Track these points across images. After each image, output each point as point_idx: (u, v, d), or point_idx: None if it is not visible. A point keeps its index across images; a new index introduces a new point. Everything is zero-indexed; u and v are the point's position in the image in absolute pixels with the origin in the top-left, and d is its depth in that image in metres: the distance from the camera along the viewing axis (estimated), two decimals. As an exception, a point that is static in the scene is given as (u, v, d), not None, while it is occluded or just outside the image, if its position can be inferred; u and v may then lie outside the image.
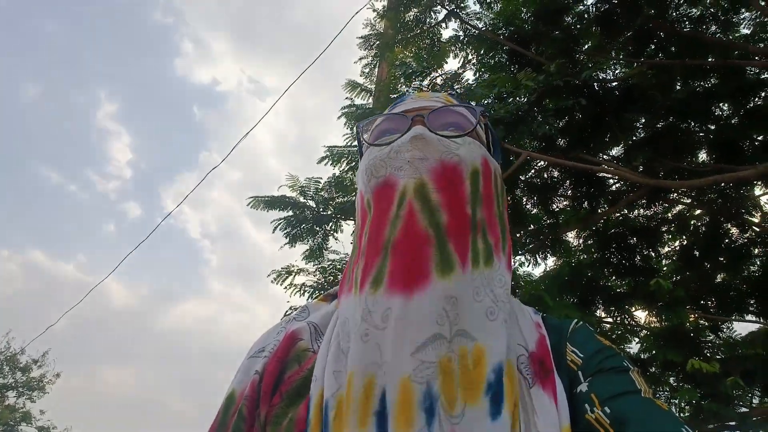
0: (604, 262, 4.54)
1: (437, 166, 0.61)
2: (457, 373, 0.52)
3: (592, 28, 4.07)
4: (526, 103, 3.62)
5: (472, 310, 0.56)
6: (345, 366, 0.55)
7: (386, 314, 0.53)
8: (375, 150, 0.67)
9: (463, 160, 0.63)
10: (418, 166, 0.61)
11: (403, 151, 0.63)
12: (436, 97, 0.74)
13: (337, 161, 5.55)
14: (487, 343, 0.55)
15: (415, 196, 0.59)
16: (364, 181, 0.66)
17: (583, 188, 4.39)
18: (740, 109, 4.05)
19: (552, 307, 3.52)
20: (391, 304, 0.54)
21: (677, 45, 4.00)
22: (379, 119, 0.73)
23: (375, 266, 0.57)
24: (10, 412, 15.89)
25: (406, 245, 0.57)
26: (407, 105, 0.73)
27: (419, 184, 0.60)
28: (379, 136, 0.71)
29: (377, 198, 0.63)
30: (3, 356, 16.60)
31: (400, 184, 0.60)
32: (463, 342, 0.54)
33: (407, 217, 0.58)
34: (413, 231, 0.57)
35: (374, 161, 0.65)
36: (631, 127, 4.22)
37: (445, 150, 0.63)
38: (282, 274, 5.37)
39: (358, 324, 0.55)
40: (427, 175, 0.60)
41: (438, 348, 0.52)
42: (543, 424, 0.52)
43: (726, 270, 4.58)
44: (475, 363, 0.53)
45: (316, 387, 0.57)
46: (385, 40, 5.80)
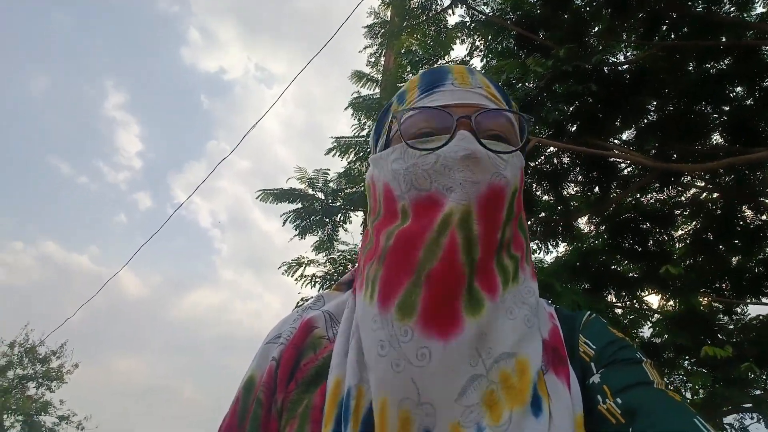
0: (616, 247, 4.51)
1: (486, 191, 0.59)
2: (503, 399, 0.52)
3: (602, 11, 4.00)
4: (535, 88, 3.59)
5: (506, 330, 0.56)
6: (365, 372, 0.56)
7: (423, 353, 0.53)
8: (414, 153, 0.62)
9: (509, 182, 0.61)
10: (469, 191, 0.58)
11: (454, 169, 0.59)
12: (478, 87, 0.66)
13: (344, 152, 5.55)
14: (528, 351, 0.56)
15: (459, 226, 0.56)
16: (401, 187, 0.63)
17: (594, 173, 4.35)
18: (754, 90, 3.97)
19: (560, 293, 3.52)
20: (428, 345, 0.53)
21: (689, 26, 3.91)
22: (413, 112, 0.65)
23: (403, 288, 0.56)
24: (30, 403, 16.25)
25: (444, 280, 0.55)
26: (448, 96, 0.65)
27: (466, 212, 0.57)
28: (418, 133, 0.64)
29: (417, 211, 0.60)
30: (22, 348, 16.94)
31: (446, 206, 0.58)
32: (502, 365, 0.54)
33: (449, 248, 0.56)
34: (452, 266, 0.55)
35: (415, 169, 0.61)
36: (643, 110, 4.17)
37: (495, 171, 0.60)
38: (293, 266, 5.42)
39: (383, 347, 0.55)
40: (475, 202, 0.58)
41: (478, 388, 0.52)
42: (557, 409, 0.53)
43: (740, 253, 4.53)
44: (520, 375, 0.54)
45: (332, 375, 0.58)
46: (391, 28, 5.76)
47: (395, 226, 0.61)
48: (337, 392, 0.56)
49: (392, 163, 0.65)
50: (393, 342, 0.54)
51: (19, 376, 16.72)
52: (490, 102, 0.66)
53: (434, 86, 0.67)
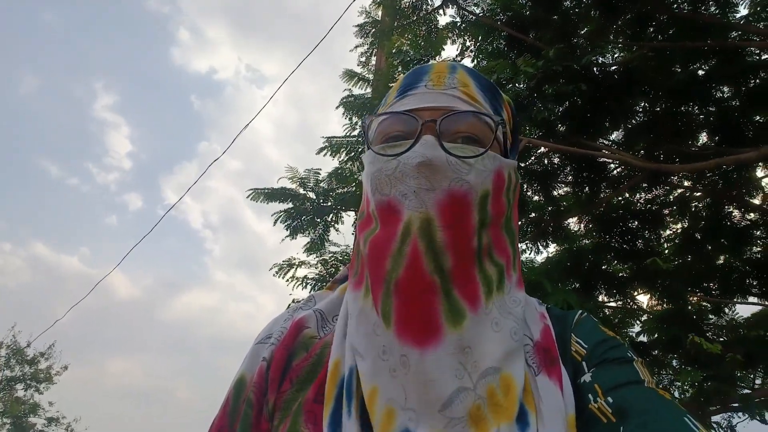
0: (606, 246, 4.54)
1: (444, 198, 0.57)
2: (489, 416, 0.52)
3: (591, 12, 4.03)
4: (525, 89, 3.60)
5: (492, 343, 0.56)
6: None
7: (403, 361, 0.53)
8: (380, 159, 0.62)
9: (472, 188, 0.59)
10: (424, 199, 0.57)
11: (409, 176, 0.58)
12: (452, 87, 0.65)
13: (336, 152, 5.54)
14: (512, 367, 0.56)
15: (420, 234, 0.55)
16: (370, 190, 0.63)
17: (584, 173, 4.38)
18: (741, 90, 4.02)
19: (551, 293, 3.53)
20: (405, 352, 0.54)
21: (676, 27, 3.96)
22: (384, 117, 0.66)
23: (379, 299, 0.57)
24: (19, 405, 16.06)
25: (410, 290, 0.55)
26: (418, 100, 0.64)
27: (424, 220, 0.56)
28: (385, 138, 0.64)
29: (381, 217, 0.60)
30: (10, 350, 16.74)
31: (404, 215, 0.57)
32: (489, 380, 0.54)
33: (411, 257, 0.55)
34: (417, 275, 0.55)
35: (379, 174, 0.61)
36: (631, 111, 4.20)
37: (455, 176, 0.58)
38: (284, 267, 5.39)
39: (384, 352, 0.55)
40: (434, 209, 0.56)
41: (464, 400, 0.52)
42: (548, 410, 0.53)
43: (728, 252, 4.58)
44: (505, 392, 0.54)
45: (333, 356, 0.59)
46: (382, 27, 5.76)
47: (370, 231, 0.62)
48: (337, 372, 0.57)
49: (367, 166, 0.65)
50: (387, 349, 0.55)
51: (6, 378, 16.52)
52: (463, 103, 0.64)
53: (408, 89, 0.67)
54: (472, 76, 0.68)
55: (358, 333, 0.59)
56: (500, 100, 0.69)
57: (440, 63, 0.69)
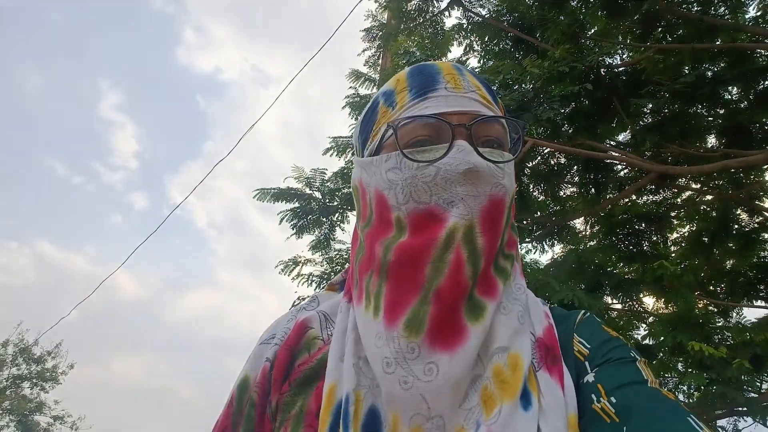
0: (612, 248, 4.53)
1: (488, 204, 0.58)
2: (496, 393, 0.53)
3: (598, 13, 4.01)
4: (531, 89, 3.59)
5: (500, 326, 0.57)
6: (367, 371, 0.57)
7: (430, 368, 0.53)
8: (412, 165, 0.60)
9: (507, 192, 0.61)
10: (471, 205, 0.57)
11: (455, 183, 0.57)
12: (471, 90, 0.64)
13: (342, 152, 5.54)
14: (520, 346, 0.56)
15: (464, 241, 0.56)
16: (398, 198, 0.60)
17: (590, 174, 4.37)
18: (749, 93, 3.99)
19: (558, 292, 3.52)
20: (434, 359, 0.54)
21: (684, 28, 3.94)
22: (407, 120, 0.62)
23: (410, 306, 0.56)
24: (25, 403, 16.17)
25: (452, 297, 0.55)
26: (442, 103, 0.62)
27: (469, 227, 0.56)
28: (413, 142, 0.61)
29: (417, 225, 0.59)
30: (17, 348, 16.85)
31: (449, 222, 0.57)
32: (495, 360, 0.55)
33: (455, 264, 0.55)
34: (459, 281, 0.55)
35: (414, 181, 0.59)
36: (638, 112, 4.18)
37: (495, 182, 0.59)
38: (289, 265, 5.41)
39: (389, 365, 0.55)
40: (477, 216, 0.57)
41: (477, 388, 0.54)
42: (549, 407, 0.53)
43: (735, 256, 4.55)
44: (512, 368, 0.54)
45: (328, 381, 0.58)
46: (388, 30, 5.76)
47: (391, 238, 0.60)
48: (332, 399, 0.56)
49: (387, 173, 0.62)
50: (399, 359, 0.54)
51: (13, 376, 16.63)
52: (485, 107, 0.64)
53: (427, 90, 0.64)
54: (478, 79, 0.68)
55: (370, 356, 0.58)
56: (498, 101, 0.71)
57: (446, 63, 0.68)
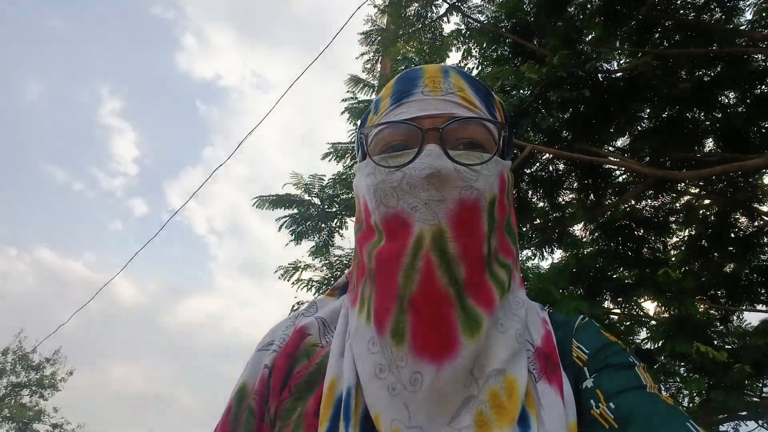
0: (612, 253, 4.52)
1: (455, 208, 0.56)
2: (492, 418, 0.52)
3: (596, 18, 4.03)
4: (529, 95, 3.60)
5: (497, 345, 0.56)
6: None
7: (416, 378, 0.53)
8: (382, 170, 0.60)
9: (482, 194, 0.58)
10: (436, 210, 0.56)
11: (418, 187, 0.57)
12: (450, 92, 0.63)
13: (341, 157, 5.56)
14: (516, 369, 0.55)
15: (433, 248, 0.55)
16: (372, 202, 0.61)
17: (589, 180, 4.36)
18: (746, 97, 4.00)
19: (560, 300, 3.52)
20: (420, 368, 0.53)
21: (681, 34, 3.95)
22: (381, 127, 0.64)
23: (391, 315, 0.56)
24: (24, 411, 16.09)
25: (426, 305, 0.54)
26: (416, 107, 0.62)
27: (437, 232, 0.55)
28: (385, 148, 0.63)
29: (388, 229, 0.59)
30: (16, 355, 16.79)
31: (415, 228, 0.56)
32: (492, 383, 0.53)
33: (425, 271, 0.54)
34: (432, 289, 0.54)
35: (383, 185, 0.60)
36: (637, 117, 4.19)
37: (464, 185, 0.57)
38: (289, 270, 5.41)
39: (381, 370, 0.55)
40: (445, 220, 0.56)
41: (471, 409, 0.52)
42: (549, 418, 0.53)
43: (735, 259, 4.54)
44: (509, 394, 0.53)
45: (329, 375, 0.58)
46: (387, 35, 5.78)
47: (374, 243, 0.61)
48: (332, 392, 0.56)
49: (366, 178, 0.64)
50: (392, 368, 0.54)
51: (12, 384, 16.55)
52: (462, 109, 0.62)
53: (403, 96, 0.64)
54: (465, 79, 0.67)
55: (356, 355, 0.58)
56: (493, 101, 0.69)
57: (432, 66, 0.67)
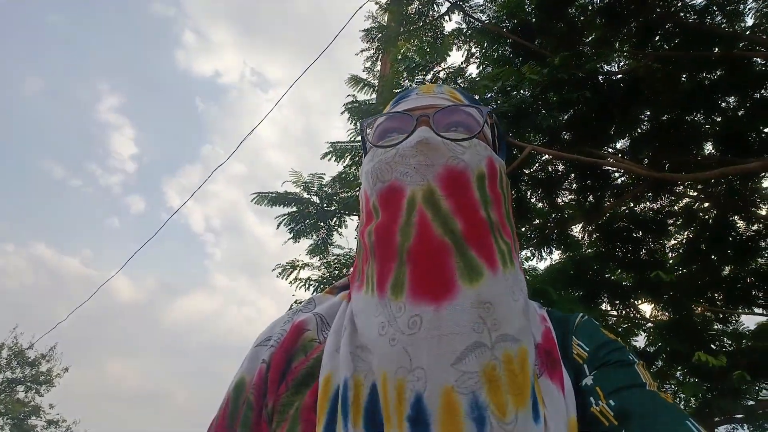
0: (610, 255, 4.53)
1: (443, 172, 0.61)
2: (504, 380, 0.51)
3: (596, 20, 4.03)
4: (530, 96, 3.61)
5: (512, 311, 0.56)
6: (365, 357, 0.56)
7: (414, 321, 0.53)
8: (379, 152, 0.67)
9: (468, 165, 0.62)
10: (425, 173, 0.60)
11: (409, 155, 0.62)
12: (441, 94, 0.73)
13: (340, 157, 5.56)
14: (528, 343, 0.56)
15: (425, 204, 0.58)
16: (370, 184, 0.66)
17: (588, 182, 4.37)
18: (746, 100, 4.01)
19: (557, 302, 3.52)
20: (419, 311, 0.53)
21: (682, 36, 3.96)
22: (382, 117, 0.72)
23: (392, 272, 0.57)
24: (19, 406, 16.08)
25: (423, 253, 0.56)
26: (411, 103, 0.72)
27: (428, 191, 0.59)
28: (383, 135, 0.70)
29: (384, 202, 0.62)
30: (11, 351, 16.78)
31: (407, 190, 0.60)
32: (507, 346, 0.53)
33: (420, 224, 0.57)
34: (428, 238, 0.57)
35: (379, 164, 0.65)
36: (636, 119, 4.19)
37: (451, 155, 0.62)
38: (287, 269, 5.40)
39: (383, 327, 0.55)
40: (435, 181, 0.60)
41: (480, 357, 0.52)
42: (551, 414, 0.53)
43: (733, 262, 4.55)
44: (521, 366, 0.53)
45: (324, 371, 0.57)
46: (388, 33, 5.78)
47: (373, 224, 0.63)
48: (328, 388, 0.56)
49: (366, 166, 0.69)
50: (391, 321, 0.55)
51: (7, 380, 16.54)
52: (451, 103, 0.71)
53: (400, 99, 0.75)
54: (458, 90, 0.76)
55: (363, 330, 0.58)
56: (481, 106, 0.73)
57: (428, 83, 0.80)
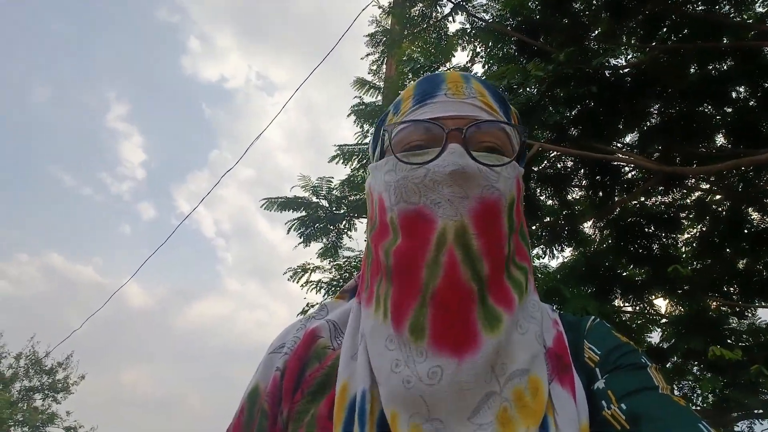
0: (622, 251, 4.48)
1: (477, 206, 0.57)
2: (516, 417, 0.52)
3: (601, 14, 4.00)
4: (536, 93, 3.58)
5: (519, 346, 0.56)
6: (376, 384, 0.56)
7: (434, 372, 0.52)
8: (404, 167, 0.61)
9: (503, 195, 0.60)
10: (459, 207, 0.57)
11: (442, 184, 0.57)
12: (472, 96, 0.65)
13: (348, 160, 5.57)
14: (540, 369, 0.55)
15: (456, 243, 0.55)
16: (391, 199, 0.62)
17: (598, 177, 4.34)
18: (757, 91, 3.95)
19: (570, 299, 3.49)
20: (440, 363, 0.52)
21: (690, 27, 3.91)
22: (405, 125, 0.65)
23: (411, 310, 0.56)
24: (37, 414, 16.28)
25: (450, 299, 0.54)
26: (440, 108, 0.64)
27: (460, 228, 0.56)
28: (409, 146, 0.63)
29: (408, 226, 0.59)
30: (29, 360, 17.00)
31: (438, 224, 0.56)
32: (516, 383, 0.53)
33: (449, 266, 0.55)
34: (457, 284, 0.54)
35: (405, 182, 0.60)
36: (645, 113, 4.15)
37: (486, 184, 0.58)
38: (298, 272, 5.43)
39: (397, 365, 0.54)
40: (468, 217, 0.56)
41: (492, 406, 0.52)
42: (562, 420, 0.52)
43: (748, 255, 4.49)
44: (533, 393, 0.53)
45: (341, 379, 0.57)
46: (392, 36, 5.78)
47: (390, 242, 0.61)
48: (345, 396, 0.56)
49: (385, 175, 0.64)
50: (409, 363, 0.54)
51: (25, 388, 16.76)
52: (484, 113, 0.64)
53: (426, 97, 0.66)
54: (485, 86, 0.69)
55: (373, 354, 0.58)
56: (510, 110, 0.70)
57: (453, 72, 0.70)
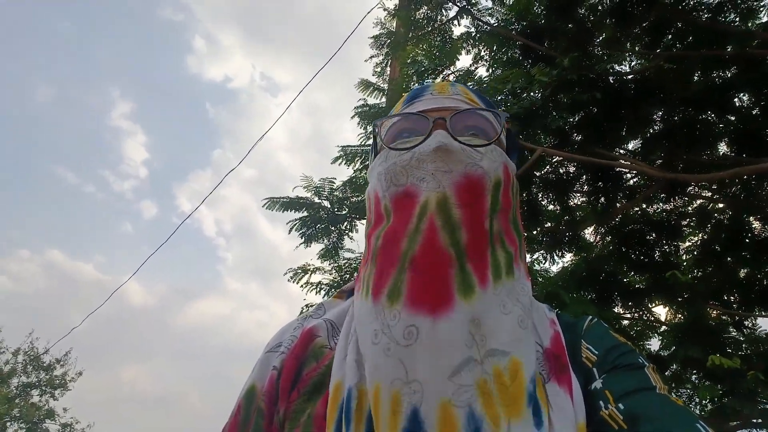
0: (623, 257, 4.48)
1: (461, 179, 0.60)
2: (495, 393, 0.52)
3: (606, 20, 4.00)
4: (540, 98, 3.59)
5: (500, 325, 0.56)
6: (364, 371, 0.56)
7: (410, 331, 0.53)
8: (394, 154, 0.65)
9: (486, 173, 0.61)
10: (442, 179, 0.59)
11: (427, 161, 0.61)
12: (456, 95, 0.71)
13: (351, 161, 5.58)
14: (522, 353, 0.55)
15: (437, 212, 0.57)
16: (382, 186, 0.64)
17: (600, 183, 4.33)
18: (761, 99, 3.95)
19: (569, 304, 3.49)
20: (415, 322, 0.53)
21: (694, 35, 3.91)
22: (396, 118, 0.70)
23: (390, 277, 0.57)
24: (34, 410, 16.27)
25: (427, 262, 0.56)
26: (426, 103, 0.70)
27: (442, 198, 0.58)
28: (398, 137, 0.68)
29: (396, 206, 0.61)
30: (27, 356, 17.00)
31: (421, 196, 0.59)
32: (495, 361, 0.53)
33: (428, 232, 0.57)
34: (434, 248, 0.56)
35: (394, 167, 0.63)
36: (648, 120, 4.15)
37: (469, 161, 0.61)
38: (298, 273, 5.43)
39: (376, 335, 0.55)
40: (451, 189, 0.59)
41: (472, 371, 0.52)
42: (559, 419, 0.53)
43: (749, 264, 4.47)
44: (512, 377, 0.53)
45: (333, 379, 0.57)
46: (397, 38, 5.79)
47: (382, 227, 0.63)
48: (338, 395, 0.56)
49: (378, 167, 0.68)
50: (384, 329, 0.54)
51: (23, 384, 16.75)
52: (467, 105, 0.69)
53: (415, 99, 0.72)
54: (472, 90, 0.75)
55: (361, 339, 0.58)
56: (500, 115, 0.71)
57: (441, 81, 0.77)
